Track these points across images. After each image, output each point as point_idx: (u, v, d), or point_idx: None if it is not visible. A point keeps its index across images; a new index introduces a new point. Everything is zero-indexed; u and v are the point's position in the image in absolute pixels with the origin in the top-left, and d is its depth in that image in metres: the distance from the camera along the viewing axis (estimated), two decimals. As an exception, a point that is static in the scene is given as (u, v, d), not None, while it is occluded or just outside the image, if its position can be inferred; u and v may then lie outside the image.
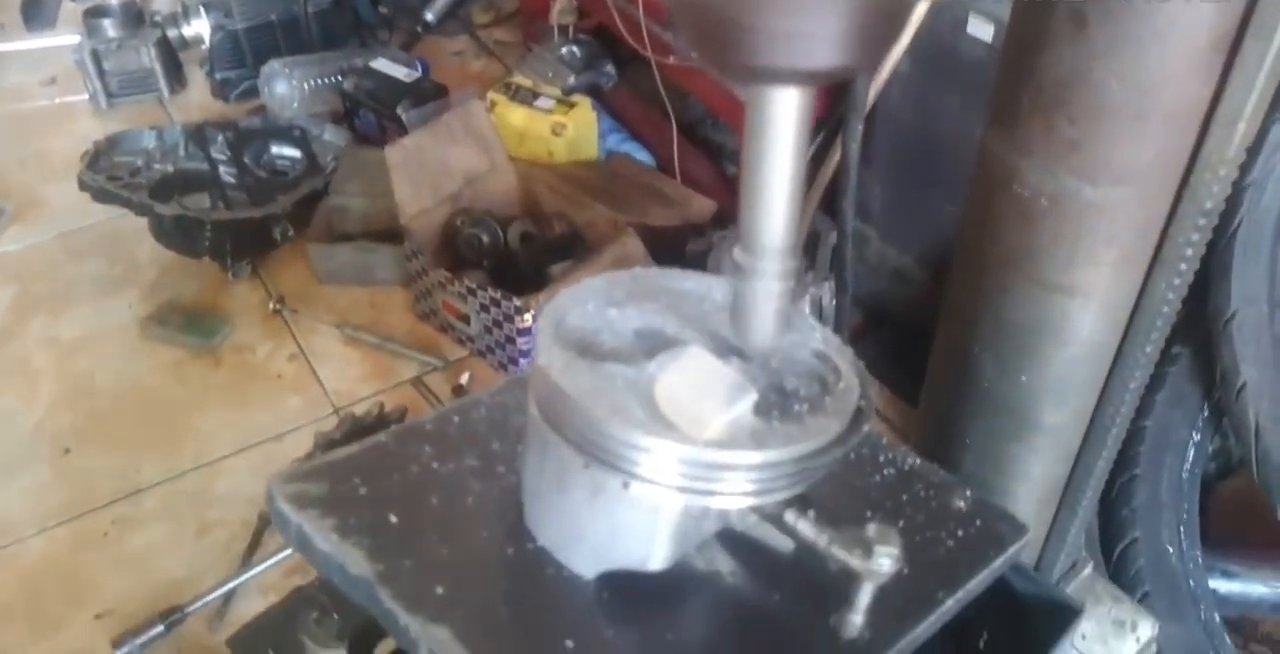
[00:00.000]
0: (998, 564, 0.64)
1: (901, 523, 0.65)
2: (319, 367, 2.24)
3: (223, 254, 2.38)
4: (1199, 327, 1.50)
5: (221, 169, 2.53)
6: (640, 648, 0.56)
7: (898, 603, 0.59)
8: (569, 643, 0.54)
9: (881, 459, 0.72)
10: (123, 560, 1.87)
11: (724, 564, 0.62)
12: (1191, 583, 1.48)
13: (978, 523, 0.67)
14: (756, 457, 0.54)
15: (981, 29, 1.62)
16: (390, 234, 2.27)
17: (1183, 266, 0.85)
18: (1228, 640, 1.48)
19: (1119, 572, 1.47)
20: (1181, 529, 1.49)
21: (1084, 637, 1.15)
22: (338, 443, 1.80)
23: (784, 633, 0.57)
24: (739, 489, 0.55)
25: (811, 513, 0.56)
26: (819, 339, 0.63)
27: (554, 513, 0.59)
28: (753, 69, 0.40)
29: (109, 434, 2.10)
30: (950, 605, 0.61)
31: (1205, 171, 0.79)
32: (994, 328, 0.95)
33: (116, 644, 1.70)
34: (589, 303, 0.63)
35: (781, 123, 0.46)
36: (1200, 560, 1.52)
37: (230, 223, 2.34)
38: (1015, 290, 0.91)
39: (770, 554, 0.62)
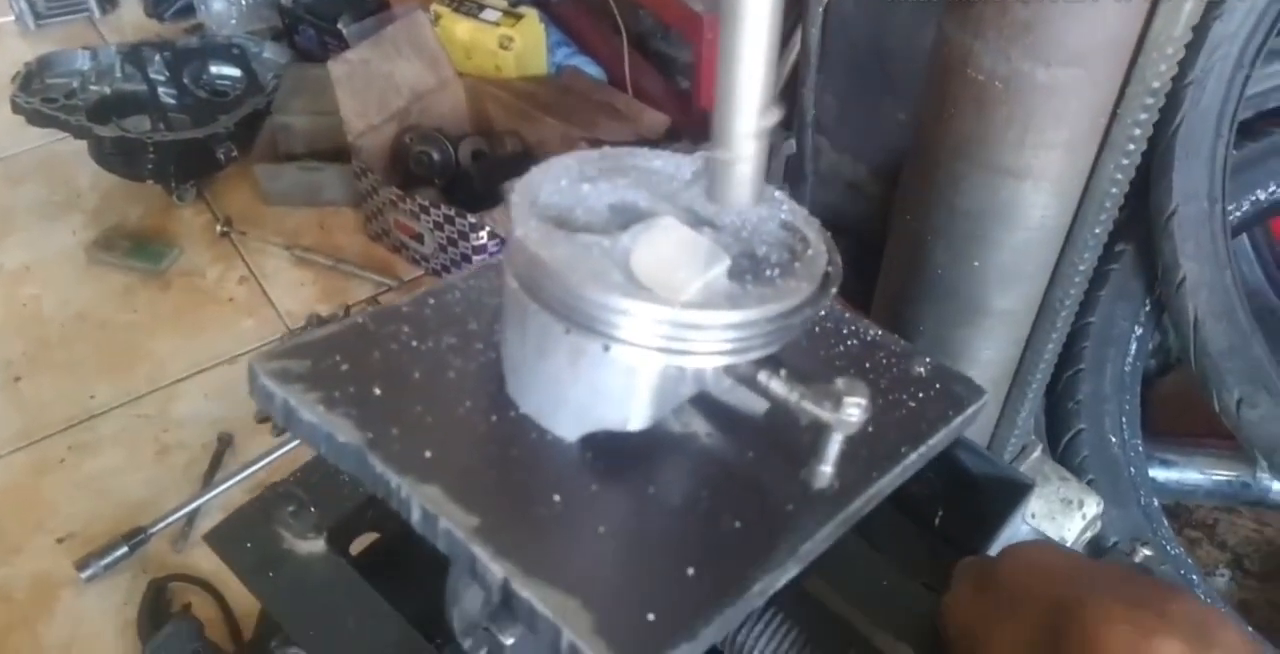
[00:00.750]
0: (957, 423, 0.68)
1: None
2: (270, 289, 2.23)
3: (166, 177, 2.34)
4: (1141, 225, 1.54)
5: (160, 90, 2.47)
6: (624, 500, 0.58)
7: (864, 457, 0.62)
8: (556, 497, 0.57)
9: (845, 331, 0.74)
10: (82, 485, 1.87)
11: (700, 427, 0.64)
12: (1132, 471, 1.55)
13: (937, 386, 0.70)
14: (732, 316, 0.56)
15: (932, -70, 1.62)
16: (337, 153, 2.25)
17: (1130, 147, 0.88)
18: (1165, 523, 1.56)
19: (1065, 461, 1.53)
20: (1124, 420, 1.56)
21: (1033, 515, 1.21)
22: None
23: (757, 485, 0.60)
24: (715, 348, 0.57)
25: (783, 372, 0.59)
26: (786, 211, 0.65)
27: (536, 380, 0.61)
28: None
29: (60, 361, 2.08)
30: (914, 459, 0.64)
31: (1153, 51, 0.81)
32: (946, 215, 0.97)
33: (80, 566, 1.71)
34: (561, 179, 0.64)
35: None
36: (1141, 450, 1.59)
37: (173, 144, 2.30)
38: (968, 177, 0.93)
39: (744, 417, 0.65)
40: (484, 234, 1.98)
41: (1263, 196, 1.57)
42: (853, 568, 0.76)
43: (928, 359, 0.72)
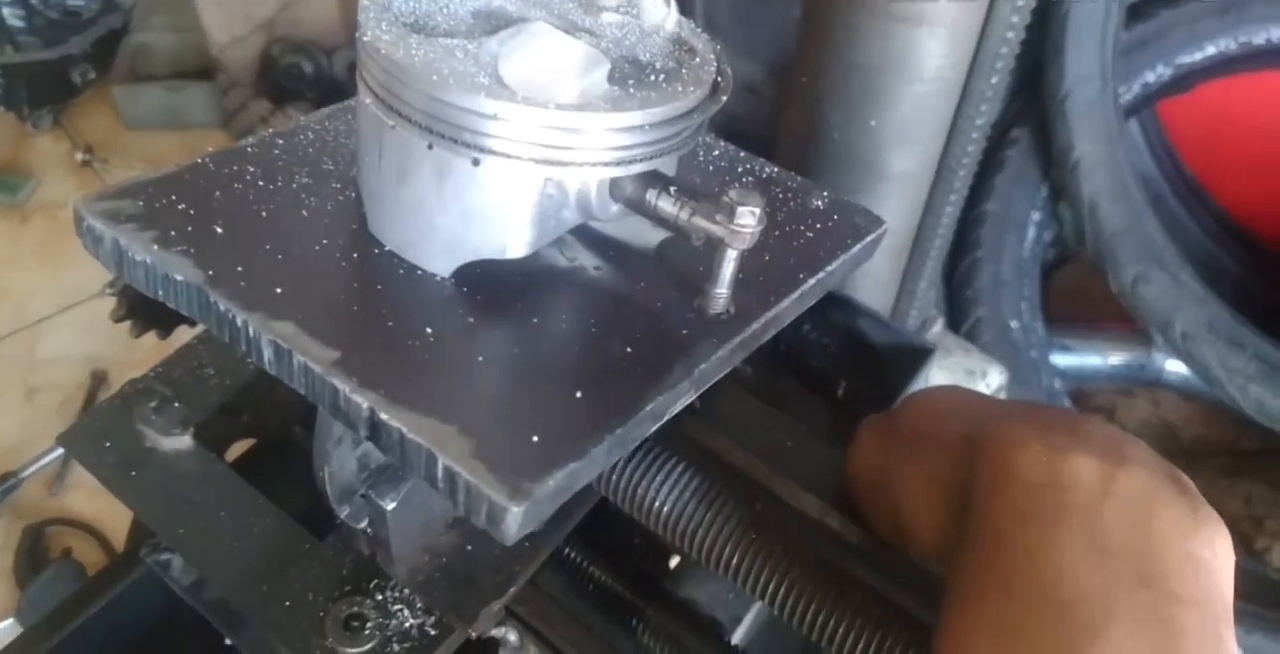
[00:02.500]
0: (856, 251, 0.64)
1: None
2: (141, 218, 2.09)
3: (18, 103, 2.17)
4: (1036, 110, 1.53)
5: (5, 11, 2.28)
6: (505, 331, 0.53)
7: (760, 285, 0.58)
8: (428, 330, 0.51)
9: (740, 169, 0.70)
10: (-55, 429, 1.75)
11: (588, 261, 0.59)
12: (1034, 354, 1.56)
13: (835, 217, 0.66)
14: (614, 119, 0.50)
15: None
16: (202, 72, 2.11)
17: (1027, -15, 0.85)
18: (1068, 403, 1.58)
19: (966, 348, 1.53)
20: (1023, 304, 1.57)
21: (937, 387, 1.19)
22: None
23: (650, 313, 0.55)
24: (597, 158, 0.51)
25: (673, 189, 0.54)
26: (673, 22, 0.60)
27: (399, 209, 0.55)
28: None
29: (-90, 300, 1.93)
30: (813, 286, 0.60)
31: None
32: (842, 72, 0.93)
33: (-52, 512, 1.60)
34: (418, -14, 0.57)
35: None
36: (1041, 334, 1.60)
37: (23, 67, 2.13)
38: (862, 26, 0.89)
39: (635, 250, 0.60)
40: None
41: (1151, 78, 1.57)
42: (758, 428, 0.72)
43: (825, 193, 0.68)
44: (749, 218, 0.51)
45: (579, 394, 0.49)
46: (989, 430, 0.56)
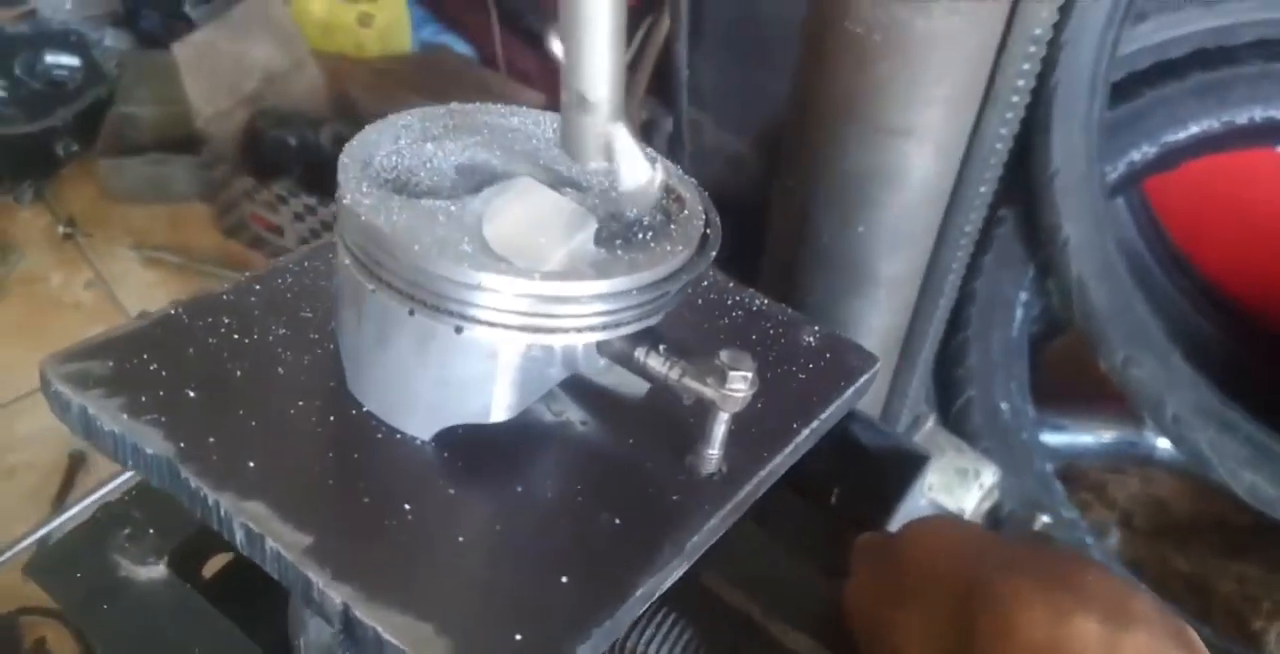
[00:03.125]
0: (850, 394, 0.62)
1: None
2: (120, 293, 2.07)
3: (1, 176, 2.16)
4: (1022, 189, 1.53)
5: (-12, 83, 2.27)
6: (487, 504, 0.51)
7: (753, 438, 0.57)
8: (407, 506, 0.49)
9: (729, 302, 0.68)
10: (-83, 513, 1.71)
11: (574, 414, 0.57)
12: (1025, 437, 1.55)
13: (827, 356, 0.64)
14: (601, 286, 0.49)
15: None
16: (187, 144, 2.10)
17: (1014, 99, 0.84)
18: (1060, 487, 1.56)
19: (955, 430, 1.51)
20: (1013, 385, 1.55)
21: (931, 487, 1.18)
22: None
23: (639, 476, 0.53)
24: (584, 324, 0.50)
25: (662, 347, 0.52)
26: (659, 184, 0.58)
27: (379, 372, 0.53)
28: None
29: (-113, 378, 1.90)
30: (806, 436, 0.59)
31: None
32: (830, 179, 0.92)
33: (-82, 603, 1.55)
34: (400, 139, 0.56)
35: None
36: (1032, 415, 1.58)
37: (5, 140, 2.12)
38: (851, 137, 0.89)
39: (623, 402, 0.58)
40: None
41: (1137, 157, 1.57)
42: (746, 556, 0.71)
43: (816, 328, 0.66)
44: (741, 383, 0.50)
45: (565, 579, 0.46)
46: (990, 581, 0.54)
